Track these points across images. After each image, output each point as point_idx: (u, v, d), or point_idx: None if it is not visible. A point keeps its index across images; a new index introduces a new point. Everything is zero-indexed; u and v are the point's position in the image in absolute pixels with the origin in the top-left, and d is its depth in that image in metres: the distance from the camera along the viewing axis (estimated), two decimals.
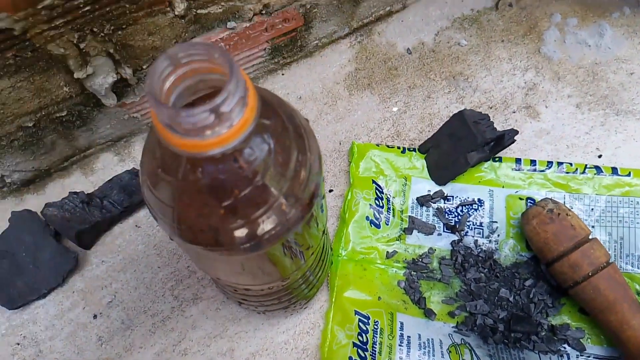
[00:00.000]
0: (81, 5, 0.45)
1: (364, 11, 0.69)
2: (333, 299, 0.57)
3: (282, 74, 0.69)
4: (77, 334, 0.56)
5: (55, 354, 0.55)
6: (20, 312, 0.57)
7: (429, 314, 0.56)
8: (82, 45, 0.49)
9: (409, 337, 0.55)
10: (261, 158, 0.30)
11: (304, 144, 0.34)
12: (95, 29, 0.48)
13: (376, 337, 0.54)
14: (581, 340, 0.55)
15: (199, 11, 0.54)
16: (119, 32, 0.50)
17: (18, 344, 0.56)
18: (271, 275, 0.42)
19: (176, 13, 0.53)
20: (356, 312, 0.56)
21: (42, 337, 0.56)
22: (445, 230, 0.61)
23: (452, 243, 0.60)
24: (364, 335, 0.54)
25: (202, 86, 0.30)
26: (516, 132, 0.61)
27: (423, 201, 0.62)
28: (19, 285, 0.57)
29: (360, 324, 0.55)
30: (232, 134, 0.27)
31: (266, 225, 0.33)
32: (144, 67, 0.57)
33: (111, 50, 0.51)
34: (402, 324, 0.55)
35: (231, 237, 0.33)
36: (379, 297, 0.57)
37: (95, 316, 0.57)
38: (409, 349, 0.53)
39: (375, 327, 0.55)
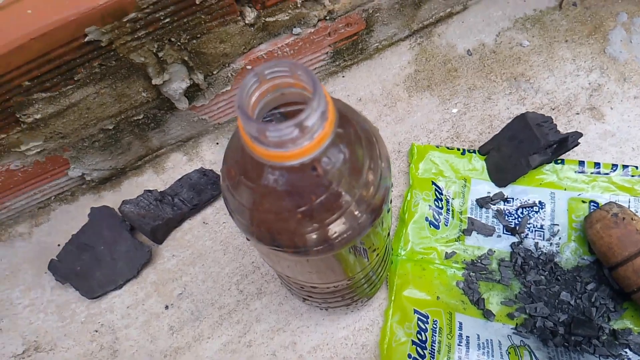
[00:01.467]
0: (162, 18, 0.48)
1: (425, 13, 0.70)
2: (392, 298, 0.58)
3: (343, 76, 0.71)
4: (150, 323, 0.60)
5: (130, 341, 0.59)
6: (99, 302, 0.62)
7: (487, 314, 0.57)
8: (160, 54, 0.52)
9: (467, 337, 0.55)
10: (337, 167, 0.32)
11: (375, 151, 0.36)
12: (172, 39, 0.51)
13: (435, 336, 0.55)
14: None
15: (267, 19, 0.57)
16: (194, 41, 0.53)
17: (96, 331, 0.60)
18: (337, 275, 0.44)
19: (246, 22, 0.55)
20: (415, 311, 0.57)
21: (118, 325, 0.60)
22: (505, 232, 0.61)
23: (512, 245, 0.60)
24: (423, 333, 0.56)
25: (281, 99, 0.33)
26: (580, 135, 0.60)
27: (482, 203, 0.62)
28: (97, 276, 0.61)
29: (419, 322, 0.56)
30: (313, 146, 0.29)
31: (339, 229, 0.35)
32: (214, 72, 0.59)
33: (186, 58, 0.54)
34: (460, 324, 0.56)
35: (305, 240, 0.35)
36: (438, 297, 0.58)
37: (167, 307, 0.61)
38: (468, 348, 0.54)
39: (435, 326, 0.56)
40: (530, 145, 0.60)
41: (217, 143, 0.69)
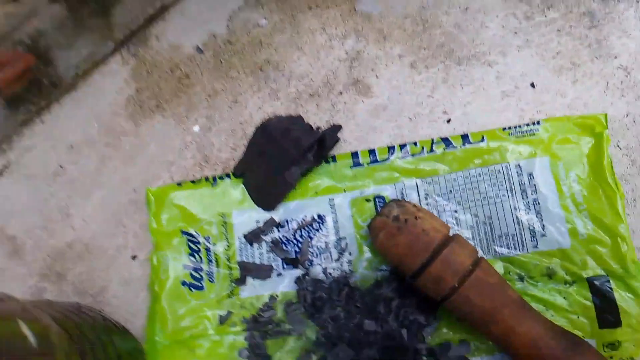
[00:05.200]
0: None
1: (124, 17, 0.54)
2: None
3: (42, 123, 0.54)
4: None
5: None
6: None
7: None
8: None
9: None
10: None
11: None
12: None
13: None
14: (467, 356, 0.46)
15: None
16: None
17: None
18: None
19: None
20: None
21: None
22: (285, 266, 0.49)
23: (297, 281, 0.49)
24: None
25: None
26: (339, 128, 0.49)
27: (252, 237, 0.50)
28: None
29: None
30: None
31: None
32: None
33: None
34: None
35: None
36: None
37: None
38: None
39: None
40: (282, 159, 0.48)
41: None
